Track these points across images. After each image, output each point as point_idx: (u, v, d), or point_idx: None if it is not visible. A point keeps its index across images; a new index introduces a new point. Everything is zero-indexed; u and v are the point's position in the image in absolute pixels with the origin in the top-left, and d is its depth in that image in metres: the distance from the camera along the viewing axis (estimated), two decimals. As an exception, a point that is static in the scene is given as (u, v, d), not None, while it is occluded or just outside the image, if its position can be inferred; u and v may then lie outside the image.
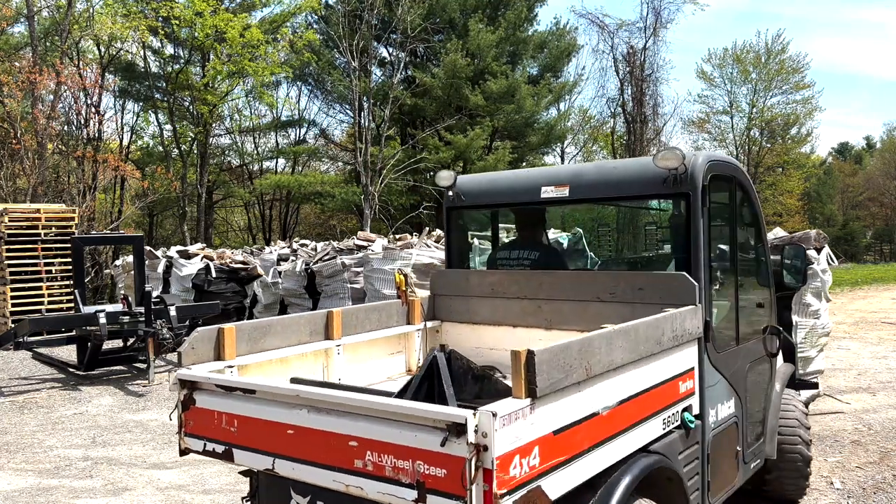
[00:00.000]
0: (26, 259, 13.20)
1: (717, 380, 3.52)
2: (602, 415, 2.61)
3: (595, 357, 2.56)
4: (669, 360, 3.11)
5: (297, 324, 3.68)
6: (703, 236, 3.37)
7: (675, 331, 3.12)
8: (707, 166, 3.48)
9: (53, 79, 19.00)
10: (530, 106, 26.59)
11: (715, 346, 3.50)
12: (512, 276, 4.15)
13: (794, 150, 41.94)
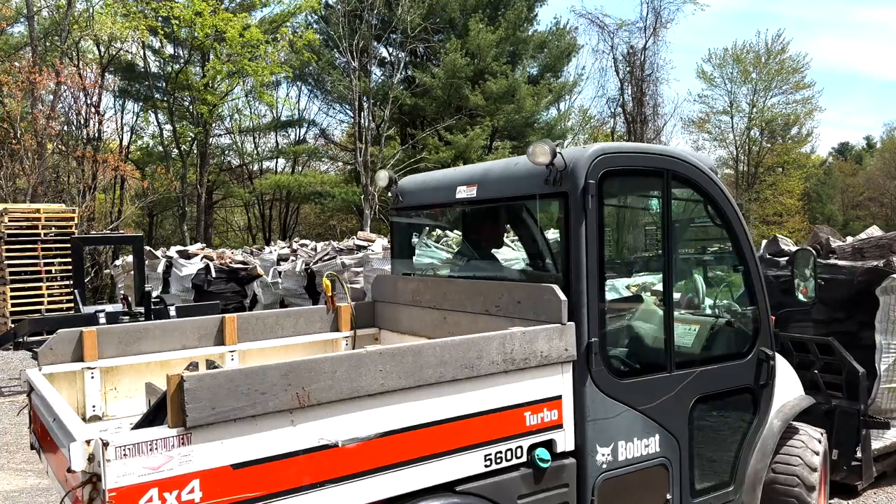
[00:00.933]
0: (26, 259, 13.19)
1: (619, 412, 3.00)
2: (346, 447, 2.33)
3: (319, 383, 2.26)
4: (507, 387, 2.71)
5: (183, 328, 3.55)
6: (584, 243, 2.90)
7: (509, 353, 2.69)
8: (595, 162, 2.96)
9: (53, 79, 19.00)
10: (530, 106, 26.59)
11: (611, 372, 3.00)
12: (426, 283, 3.80)
13: (794, 150, 41.93)
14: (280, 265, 13.58)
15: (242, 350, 3.64)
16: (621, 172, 3.14)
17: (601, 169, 2.98)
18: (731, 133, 41.13)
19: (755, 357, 3.50)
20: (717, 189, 3.46)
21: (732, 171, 42.13)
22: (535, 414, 2.78)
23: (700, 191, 3.46)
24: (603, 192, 3.02)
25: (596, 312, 2.96)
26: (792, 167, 41.44)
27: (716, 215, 3.54)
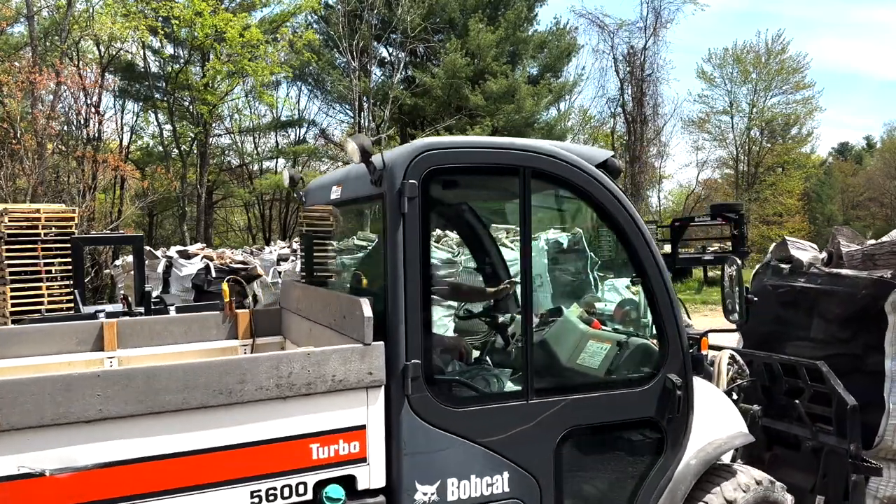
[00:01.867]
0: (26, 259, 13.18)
1: (449, 445, 2.61)
2: (57, 477, 2.11)
3: (19, 406, 2.05)
4: (285, 415, 2.39)
5: (61, 332, 3.36)
6: (401, 250, 2.57)
7: (286, 377, 2.36)
8: (416, 160, 2.62)
9: (53, 79, 18.99)
10: (530, 106, 26.60)
11: (440, 398, 2.63)
12: (305, 291, 3.51)
13: (794, 150, 41.95)
14: (280, 265, 13.59)
15: (123, 356, 3.40)
16: (458, 170, 2.79)
17: (425, 167, 2.63)
18: (731, 133, 41.16)
19: (659, 385, 2.91)
20: (601, 189, 2.91)
21: (732, 171, 42.14)
22: (325, 446, 2.43)
23: (576, 191, 2.99)
24: (430, 193, 2.67)
25: (417, 329, 2.58)
26: (792, 167, 41.45)
27: (603, 218, 3.06)
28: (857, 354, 3.54)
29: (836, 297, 3.57)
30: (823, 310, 3.62)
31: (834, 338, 3.63)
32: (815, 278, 3.70)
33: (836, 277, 3.63)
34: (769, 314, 3.76)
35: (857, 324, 3.55)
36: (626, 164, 34.03)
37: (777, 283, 3.93)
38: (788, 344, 3.85)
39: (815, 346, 3.71)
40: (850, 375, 3.48)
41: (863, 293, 3.48)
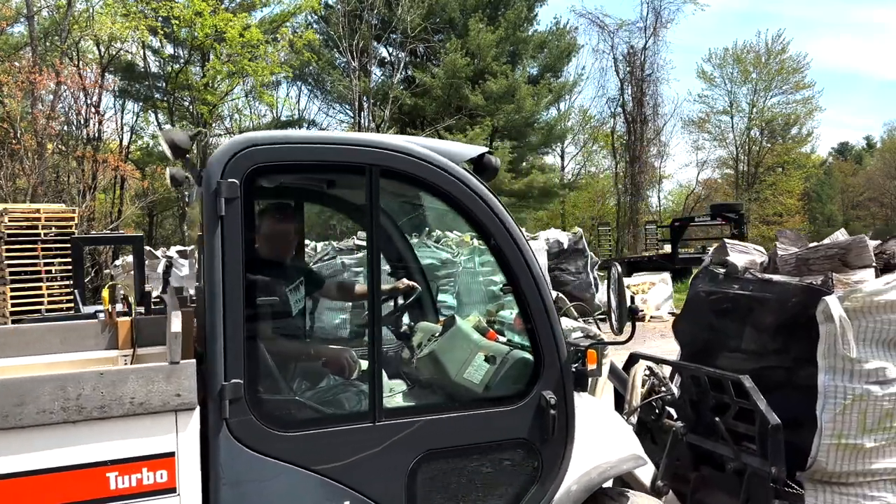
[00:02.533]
0: (26, 259, 13.18)
1: (278, 473, 2.35)
2: None
3: None
4: (74, 442, 2.13)
5: None
6: (219, 257, 2.33)
7: (74, 399, 2.11)
8: (235, 157, 2.36)
9: (53, 79, 19.00)
10: (530, 106, 26.61)
11: (268, 422, 2.36)
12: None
13: (794, 150, 41.95)
14: (280, 265, 13.59)
15: None
16: (290, 169, 2.56)
17: (248, 165, 2.36)
18: (731, 133, 41.17)
19: (533, 404, 2.59)
20: (463, 189, 2.60)
21: (732, 171, 42.15)
22: (125, 475, 2.18)
23: (433, 191, 2.67)
24: (255, 194, 2.44)
25: (240, 345, 2.32)
26: (792, 167, 41.45)
27: (467, 221, 2.74)
28: (789, 367, 3.22)
29: (767, 305, 3.26)
30: (755, 319, 3.30)
31: (765, 349, 3.31)
32: (747, 284, 3.35)
33: (768, 284, 3.30)
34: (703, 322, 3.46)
35: (788, 334, 3.23)
36: (626, 164, 34.05)
37: (711, 289, 3.57)
38: (721, 355, 3.51)
39: (747, 357, 3.39)
40: (782, 390, 3.19)
41: (793, 301, 3.16)
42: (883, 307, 3.03)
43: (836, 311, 2.98)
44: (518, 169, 28.64)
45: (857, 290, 3.02)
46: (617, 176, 36.03)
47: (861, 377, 3.02)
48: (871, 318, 3.03)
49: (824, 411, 3.03)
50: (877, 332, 3.05)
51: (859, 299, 3.01)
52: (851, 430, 3.02)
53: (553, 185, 29.99)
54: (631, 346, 3.27)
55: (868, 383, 3.02)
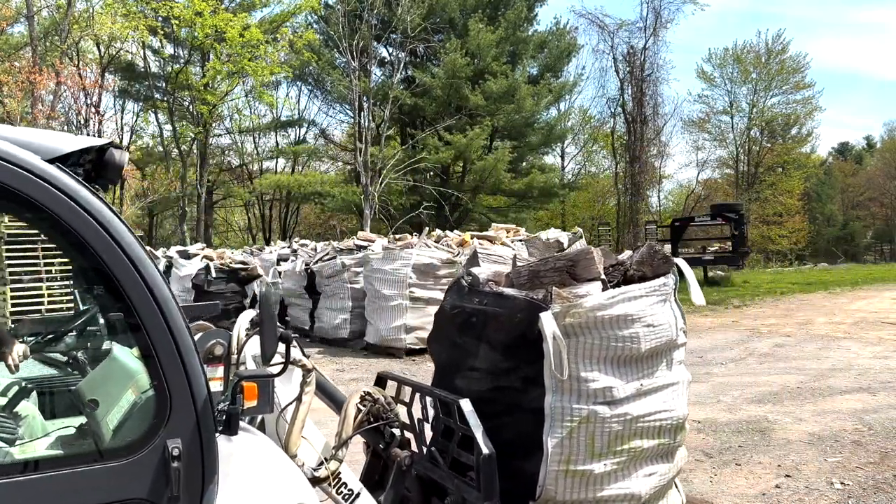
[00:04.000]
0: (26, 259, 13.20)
1: None
2: None
3: None
4: None
5: None
6: None
7: None
8: None
9: (53, 79, 19.01)
10: (530, 106, 26.61)
11: None
12: None
13: (794, 150, 41.99)
14: (280, 265, 13.59)
15: None
16: None
17: None
18: (731, 133, 41.19)
19: (155, 455, 2.06)
20: (50, 191, 1.84)
21: (732, 171, 42.17)
22: None
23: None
24: None
25: None
26: (792, 167, 41.47)
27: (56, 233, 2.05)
28: (519, 388, 2.95)
29: (498, 320, 3.00)
30: (489, 335, 3.03)
31: (498, 368, 3.03)
32: (484, 298, 3.06)
33: (500, 298, 3.04)
34: (448, 339, 3.18)
35: (517, 352, 2.96)
36: (626, 164, 34.04)
37: (453, 303, 3.28)
38: (461, 375, 3.20)
39: (482, 377, 3.09)
40: (513, 413, 2.93)
41: (518, 317, 2.90)
42: (608, 322, 2.78)
43: (548, 328, 2.72)
44: (518, 169, 28.64)
45: (577, 305, 2.76)
46: (617, 176, 36.04)
47: (588, 397, 2.77)
48: (597, 335, 2.78)
49: (550, 435, 2.77)
50: (603, 348, 2.79)
51: (581, 314, 2.75)
52: (580, 454, 2.77)
53: (553, 185, 29.98)
54: None
55: (595, 404, 2.77)
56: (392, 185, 25.14)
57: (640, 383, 2.85)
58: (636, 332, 2.80)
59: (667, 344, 2.92)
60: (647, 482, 2.88)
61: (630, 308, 2.81)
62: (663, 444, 2.92)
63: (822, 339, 9.65)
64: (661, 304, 2.90)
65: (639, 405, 2.83)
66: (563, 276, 2.98)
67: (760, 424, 5.44)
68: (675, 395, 2.97)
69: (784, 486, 4.33)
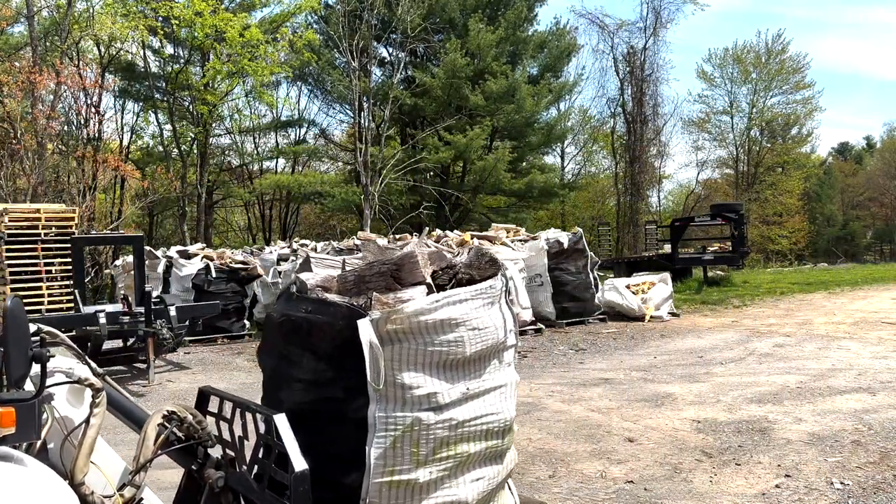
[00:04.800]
0: (26, 259, 13.19)
1: None
2: None
3: None
4: None
5: None
6: None
7: None
8: None
9: (53, 79, 19.01)
10: (530, 106, 26.61)
11: None
12: None
13: (794, 150, 42.02)
14: (280, 265, 13.59)
15: None
16: None
17: None
18: (731, 133, 41.20)
19: None
20: None
21: (732, 171, 42.17)
22: None
23: None
24: None
25: None
26: (792, 167, 41.50)
27: None
28: (343, 398, 2.84)
29: (322, 328, 2.90)
30: (313, 344, 2.95)
31: (322, 378, 2.91)
32: (310, 305, 2.97)
33: (324, 305, 2.93)
34: (275, 349, 3.10)
35: (341, 361, 2.85)
36: (626, 164, 34.06)
37: (281, 310, 3.13)
38: (284, 388, 3.07)
39: (306, 389, 2.96)
40: (338, 425, 2.86)
41: (340, 324, 2.81)
42: (432, 327, 2.70)
43: (365, 336, 2.66)
44: (518, 169, 28.64)
45: (398, 311, 2.67)
46: (617, 176, 36.04)
47: (412, 405, 2.71)
48: (420, 340, 2.70)
49: (374, 446, 2.71)
50: (427, 354, 2.73)
51: (403, 320, 2.67)
52: (404, 464, 2.70)
53: (553, 185, 29.99)
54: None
55: (420, 410, 2.70)
56: (392, 185, 25.14)
57: (466, 387, 2.80)
58: (461, 336, 2.75)
59: (494, 346, 2.89)
60: (474, 487, 2.86)
61: (455, 312, 2.75)
62: (491, 448, 2.89)
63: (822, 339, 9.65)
64: (489, 306, 2.86)
65: (465, 409, 2.79)
66: (388, 280, 2.89)
67: (760, 424, 5.44)
68: (504, 398, 2.93)
69: (784, 485, 4.33)
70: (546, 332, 10.97)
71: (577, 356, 8.87)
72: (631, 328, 11.38)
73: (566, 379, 7.33)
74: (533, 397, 6.44)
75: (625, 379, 7.20)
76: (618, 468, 4.37)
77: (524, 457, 4.63)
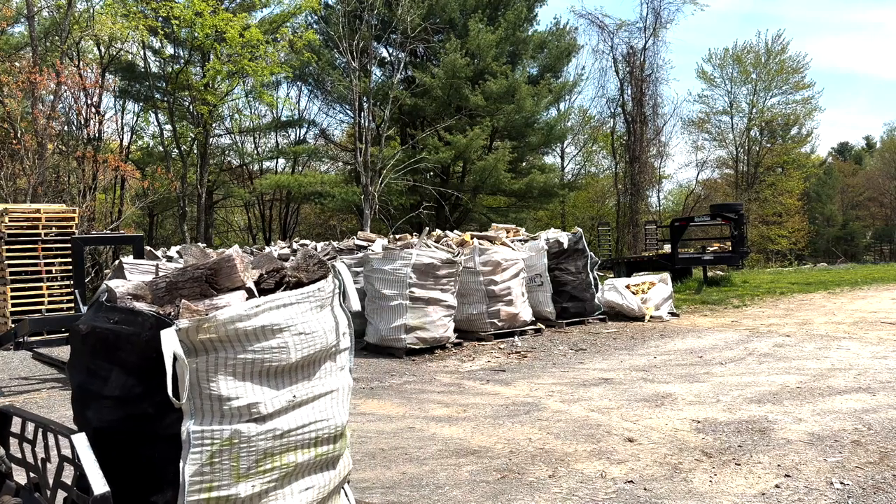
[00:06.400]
0: (26, 259, 13.19)
1: None
2: None
3: None
4: None
5: None
6: None
7: None
8: None
9: (53, 79, 19.01)
10: (530, 106, 26.61)
11: None
12: None
13: (794, 150, 42.02)
14: (280, 265, 13.57)
15: None
16: None
17: None
18: (731, 133, 41.22)
19: None
20: None
21: (732, 171, 42.17)
22: None
23: None
24: None
25: None
26: (792, 167, 41.50)
27: None
28: (152, 415, 2.70)
29: (129, 340, 2.75)
30: (120, 357, 2.79)
31: (131, 393, 2.75)
32: (117, 315, 2.80)
33: (131, 314, 2.78)
34: (81, 364, 2.90)
35: (150, 375, 2.68)
36: (626, 164, 34.05)
37: (88, 322, 2.96)
38: (92, 405, 2.88)
39: (115, 405, 2.79)
40: (149, 446, 2.69)
41: (147, 335, 2.67)
42: (251, 334, 2.60)
43: (168, 347, 2.50)
44: (518, 169, 28.64)
45: (210, 319, 2.54)
46: (617, 176, 36.05)
47: (231, 417, 2.60)
48: (239, 348, 2.59)
49: (188, 462, 2.57)
50: (247, 363, 2.60)
51: (216, 328, 2.54)
52: (223, 479, 2.57)
53: (553, 185, 29.99)
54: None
55: (239, 422, 2.60)
56: (392, 185, 25.14)
57: (293, 395, 2.69)
58: (285, 342, 2.63)
59: (323, 351, 2.78)
60: (302, 497, 2.74)
61: (277, 317, 2.63)
62: (322, 455, 2.79)
63: (822, 339, 9.65)
64: (317, 310, 2.76)
65: (291, 418, 2.68)
66: (202, 286, 2.76)
67: (760, 424, 5.44)
68: (335, 403, 2.84)
69: (784, 485, 4.33)
70: (546, 332, 10.97)
71: (576, 356, 8.87)
72: (631, 328, 11.38)
73: (566, 379, 7.33)
74: (533, 397, 6.45)
75: (625, 379, 7.20)
76: (618, 468, 4.38)
77: (524, 456, 4.64)
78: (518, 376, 7.58)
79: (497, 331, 10.34)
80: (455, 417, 5.79)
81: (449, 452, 4.78)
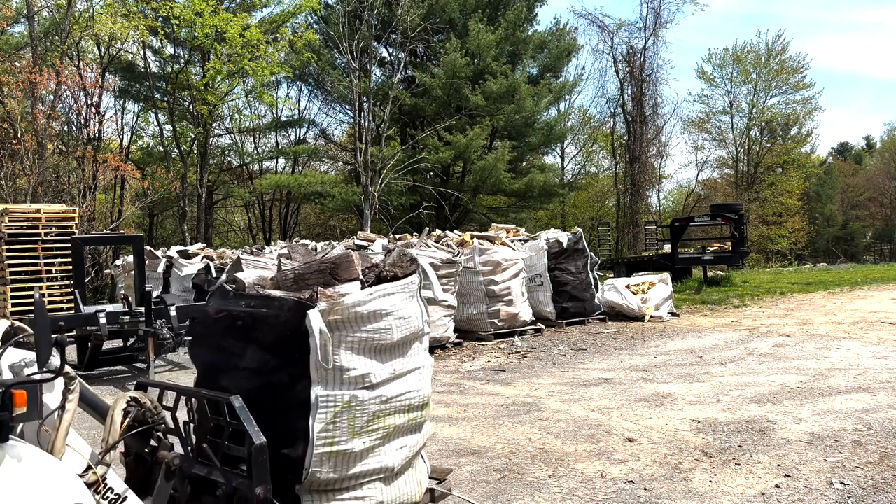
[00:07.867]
0: (26, 259, 13.19)
1: None
2: None
3: None
4: None
5: None
6: None
7: None
8: None
9: (53, 79, 19.00)
10: (530, 106, 26.61)
11: None
12: None
13: (794, 150, 42.02)
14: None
15: None
16: None
17: None
18: (731, 133, 41.21)
19: None
20: None
21: (732, 171, 42.17)
22: None
23: None
24: None
25: None
26: (792, 167, 41.50)
27: None
28: (287, 383, 3.24)
29: (266, 321, 3.27)
30: (256, 336, 3.31)
31: (266, 366, 3.30)
32: (251, 301, 3.33)
33: (267, 300, 3.32)
34: (213, 343, 3.40)
35: (284, 350, 3.24)
36: (626, 164, 34.05)
37: (219, 307, 3.50)
38: (228, 375, 3.40)
39: (250, 376, 3.32)
40: (282, 407, 3.20)
41: (286, 316, 3.19)
42: (366, 317, 3.17)
43: (316, 324, 3.06)
44: (518, 169, 28.64)
45: (340, 303, 3.11)
46: (617, 176, 36.04)
47: (349, 384, 3.15)
48: (357, 328, 3.16)
49: (316, 421, 3.11)
50: (362, 340, 3.17)
51: (343, 311, 3.12)
52: (342, 435, 3.13)
53: (553, 185, 29.99)
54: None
55: (356, 389, 3.15)
56: (392, 185, 25.14)
57: (393, 368, 3.25)
58: (390, 324, 3.21)
59: (415, 333, 3.36)
60: (398, 455, 3.27)
61: (385, 303, 3.20)
62: (413, 420, 3.33)
63: (822, 339, 9.65)
64: (410, 299, 3.32)
65: (392, 387, 3.24)
66: (326, 277, 3.30)
67: (760, 424, 5.45)
68: (421, 377, 3.39)
69: (784, 485, 4.33)
70: (546, 332, 10.97)
71: (576, 356, 8.87)
72: (631, 328, 11.38)
73: (566, 379, 7.33)
74: (533, 397, 6.45)
75: (625, 379, 7.20)
76: (618, 468, 4.38)
77: (524, 456, 4.64)
78: (518, 376, 7.58)
79: (497, 331, 10.34)
80: (455, 417, 5.79)
81: (449, 452, 4.78)
